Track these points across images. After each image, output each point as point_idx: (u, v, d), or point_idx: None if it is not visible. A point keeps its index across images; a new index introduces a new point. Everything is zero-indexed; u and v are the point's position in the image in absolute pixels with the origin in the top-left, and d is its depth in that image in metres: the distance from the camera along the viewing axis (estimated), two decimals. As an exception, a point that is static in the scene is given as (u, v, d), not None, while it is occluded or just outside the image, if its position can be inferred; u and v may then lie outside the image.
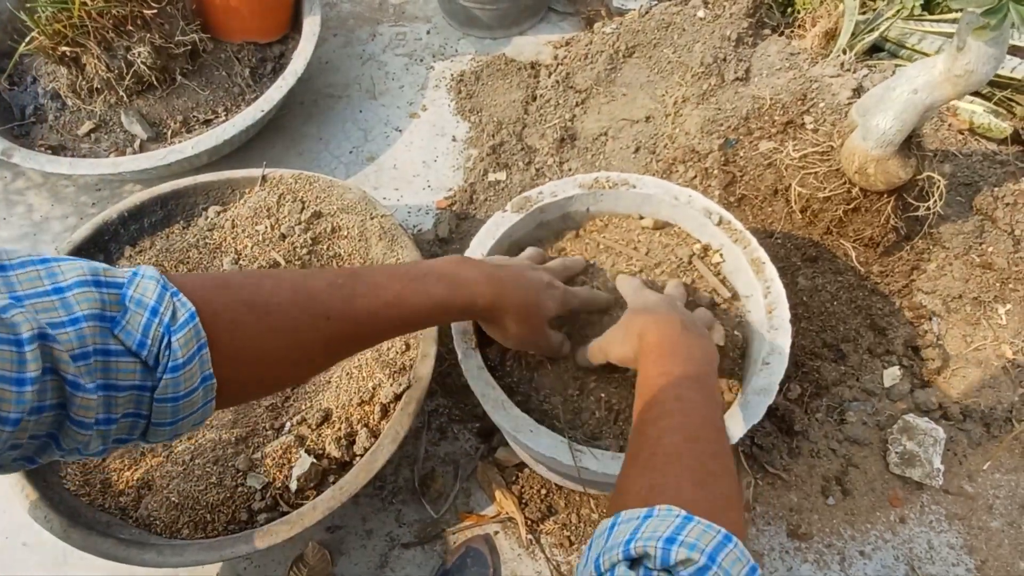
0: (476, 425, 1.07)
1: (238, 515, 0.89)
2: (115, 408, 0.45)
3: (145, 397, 0.47)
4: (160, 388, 0.47)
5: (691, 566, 0.43)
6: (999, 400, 1.06)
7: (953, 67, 0.86)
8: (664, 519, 0.46)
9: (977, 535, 0.99)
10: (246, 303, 0.53)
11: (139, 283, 0.47)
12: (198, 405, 0.49)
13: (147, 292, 0.46)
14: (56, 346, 0.40)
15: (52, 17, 1.16)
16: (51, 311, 0.42)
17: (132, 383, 0.46)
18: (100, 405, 0.44)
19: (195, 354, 0.47)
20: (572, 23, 1.61)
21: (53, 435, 0.43)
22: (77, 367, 0.42)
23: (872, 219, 1.07)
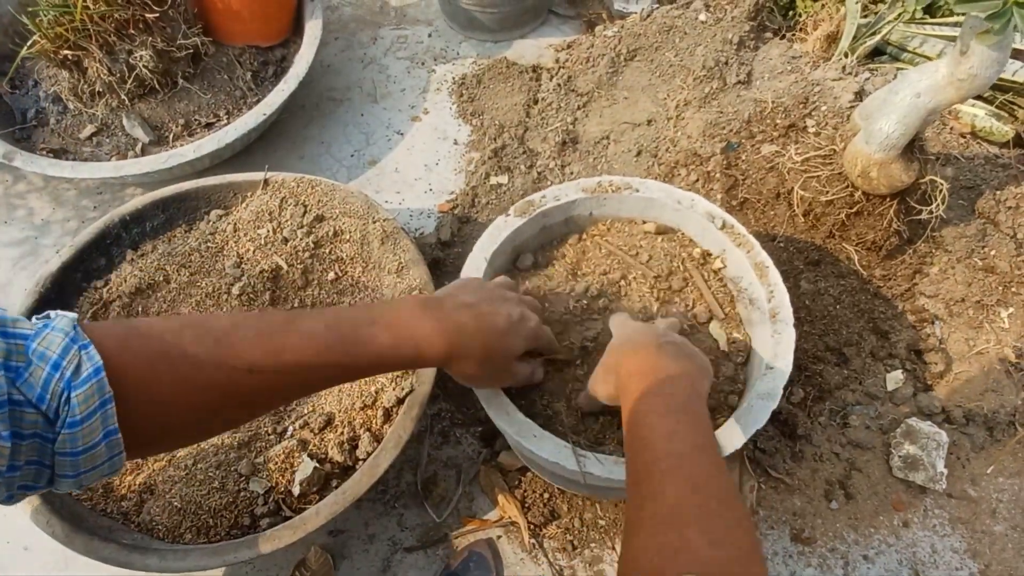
0: (479, 429, 1.07)
1: (241, 520, 0.89)
2: (20, 455, 0.45)
3: (47, 447, 0.46)
4: (59, 443, 0.46)
5: None
6: (1002, 404, 1.05)
7: (956, 71, 0.86)
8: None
9: (981, 539, 0.98)
10: (161, 354, 0.51)
11: (46, 336, 0.46)
12: (102, 459, 0.48)
13: (52, 345, 0.46)
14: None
15: (54, 21, 1.16)
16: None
17: (34, 432, 0.45)
18: (8, 454, 0.43)
19: (96, 410, 0.46)
20: (573, 26, 1.61)
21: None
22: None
23: (875, 223, 1.07)
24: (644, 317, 0.88)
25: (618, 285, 0.92)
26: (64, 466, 0.47)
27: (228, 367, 0.54)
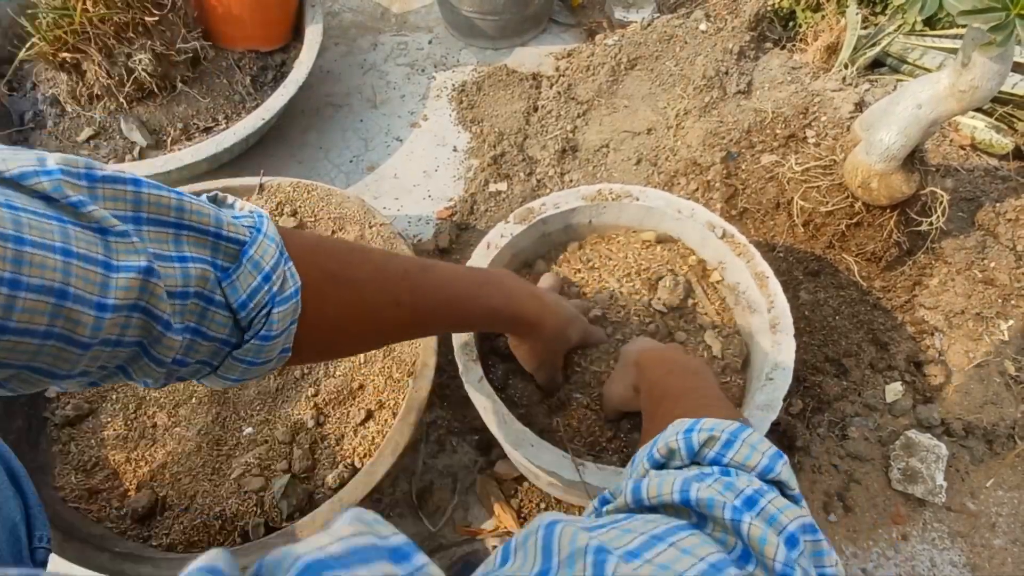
0: (475, 438, 1.06)
1: (235, 528, 0.88)
2: (194, 353, 0.45)
3: (224, 351, 0.47)
4: (242, 350, 0.47)
5: (715, 444, 0.43)
6: (1002, 417, 1.05)
7: (958, 82, 0.86)
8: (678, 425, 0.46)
9: (980, 553, 0.98)
10: (333, 275, 0.53)
11: (260, 243, 0.46)
12: (268, 369, 0.50)
13: (266, 256, 0.46)
14: (156, 282, 0.39)
15: (53, 23, 1.16)
16: (162, 243, 0.41)
17: (219, 336, 0.45)
18: (182, 347, 0.43)
19: (287, 328, 0.47)
20: (574, 35, 1.61)
21: (123, 368, 0.43)
22: (172, 305, 0.41)
23: (875, 234, 1.06)
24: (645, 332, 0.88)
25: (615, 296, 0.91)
26: (233, 370, 0.48)
27: (383, 297, 0.56)
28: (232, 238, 0.45)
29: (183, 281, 0.41)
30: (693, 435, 0.44)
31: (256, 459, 0.91)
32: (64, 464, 0.93)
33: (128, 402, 0.97)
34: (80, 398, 0.97)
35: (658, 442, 0.46)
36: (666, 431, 0.47)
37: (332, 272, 0.53)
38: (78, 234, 0.37)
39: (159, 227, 0.41)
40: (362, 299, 0.55)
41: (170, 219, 0.42)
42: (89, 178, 0.39)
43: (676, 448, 0.44)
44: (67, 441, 0.95)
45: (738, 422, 0.45)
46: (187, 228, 0.43)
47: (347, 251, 0.56)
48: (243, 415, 0.96)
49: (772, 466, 0.42)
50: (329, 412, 0.95)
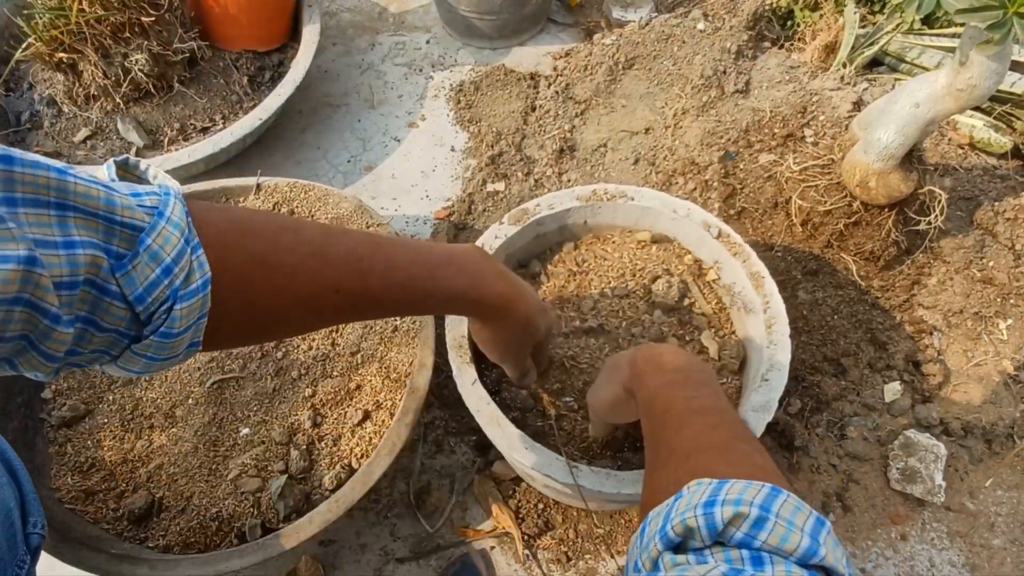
0: (473, 438, 1.06)
1: (232, 529, 0.87)
2: (87, 344, 0.41)
3: (122, 343, 0.42)
4: (142, 345, 0.42)
5: (743, 522, 0.37)
6: (1000, 416, 1.05)
7: (956, 81, 0.86)
8: (695, 491, 0.40)
9: (979, 553, 0.98)
10: (259, 258, 0.48)
11: (161, 231, 0.41)
12: (175, 363, 0.46)
13: (167, 245, 0.41)
14: (41, 272, 0.35)
15: (49, 23, 1.16)
16: (44, 226, 0.36)
17: (115, 328, 0.41)
18: (72, 339, 0.39)
19: (193, 324, 0.43)
20: (572, 34, 1.61)
21: (9, 360, 0.39)
22: (59, 296, 0.36)
23: (873, 233, 1.06)
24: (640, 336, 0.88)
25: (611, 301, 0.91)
26: (135, 362, 0.44)
27: (317, 283, 0.51)
28: (127, 223, 0.40)
29: (71, 270, 0.37)
30: (716, 510, 0.37)
31: (253, 460, 0.91)
32: (60, 465, 0.93)
33: (125, 403, 0.97)
34: (77, 399, 0.97)
35: (672, 517, 0.39)
36: (681, 498, 0.41)
37: (260, 255, 0.47)
38: None
39: (38, 208, 0.36)
40: (295, 285, 0.50)
41: (50, 199, 0.37)
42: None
43: (695, 527, 0.37)
44: (63, 442, 0.95)
45: (766, 484, 0.39)
46: (71, 209, 0.38)
47: (278, 230, 0.50)
48: (240, 416, 0.96)
49: (814, 549, 0.35)
50: (326, 413, 0.95)
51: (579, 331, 0.88)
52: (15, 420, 0.94)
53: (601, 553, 0.97)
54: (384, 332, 1.00)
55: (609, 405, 0.70)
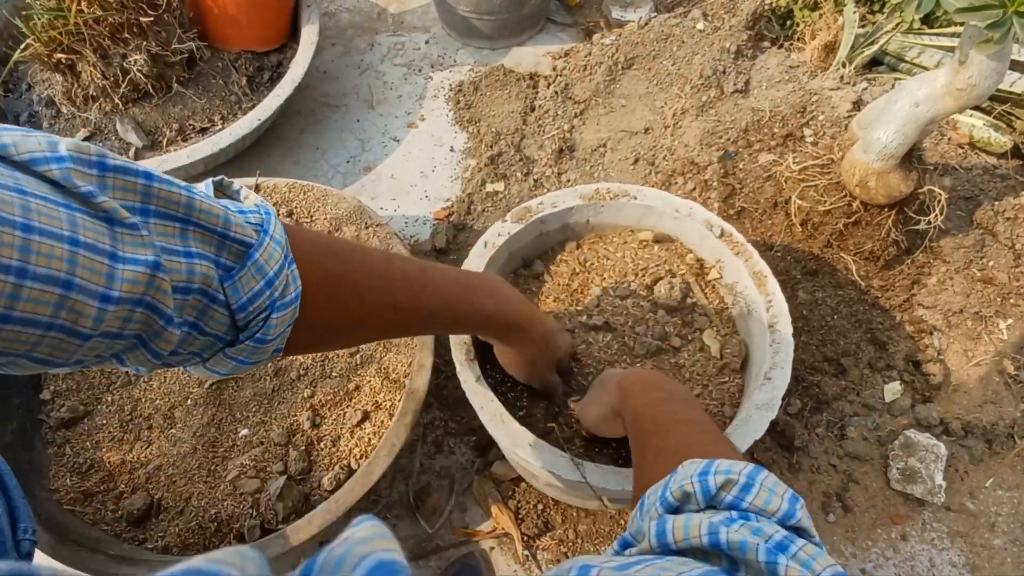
0: (472, 439, 1.06)
1: (231, 530, 0.87)
2: (188, 345, 0.45)
3: (217, 347, 0.46)
4: (236, 349, 0.46)
5: (733, 487, 0.42)
6: (1001, 416, 1.05)
7: (955, 80, 0.86)
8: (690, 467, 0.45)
9: (979, 553, 0.97)
10: (336, 277, 0.52)
11: (267, 246, 0.45)
12: (257, 365, 0.50)
13: (271, 260, 0.45)
14: (163, 277, 0.39)
15: (48, 24, 1.15)
16: (168, 236, 0.41)
17: (215, 333, 0.45)
18: (178, 340, 0.43)
19: (283, 332, 0.47)
20: (571, 34, 1.61)
21: (117, 355, 0.42)
22: (175, 300, 0.40)
23: (873, 232, 1.06)
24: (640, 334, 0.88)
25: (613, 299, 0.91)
26: (224, 364, 0.48)
27: (380, 300, 0.56)
28: (239, 239, 0.44)
29: (187, 277, 0.41)
30: (709, 478, 0.42)
31: (252, 461, 0.91)
32: (59, 466, 0.93)
33: (123, 404, 0.97)
34: (75, 400, 0.97)
35: (671, 484, 0.44)
36: (677, 473, 0.46)
37: (336, 274, 0.52)
38: (86, 223, 0.36)
39: (166, 220, 0.41)
40: (361, 301, 0.55)
41: (179, 214, 0.41)
42: (100, 167, 0.38)
43: (691, 491, 0.42)
44: (62, 443, 0.94)
45: (750, 463, 0.44)
46: (194, 225, 0.42)
47: (350, 251, 0.55)
48: (239, 417, 0.95)
49: (792, 512, 0.41)
50: (325, 413, 0.95)
51: (586, 327, 0.88)
52: (14, 421, 0.93)
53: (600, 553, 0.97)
54: (384, 332, 1.00)
55: (597, 422, 0.75)
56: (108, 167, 0.39)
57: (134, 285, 0.37)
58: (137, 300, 0.38)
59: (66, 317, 0.35)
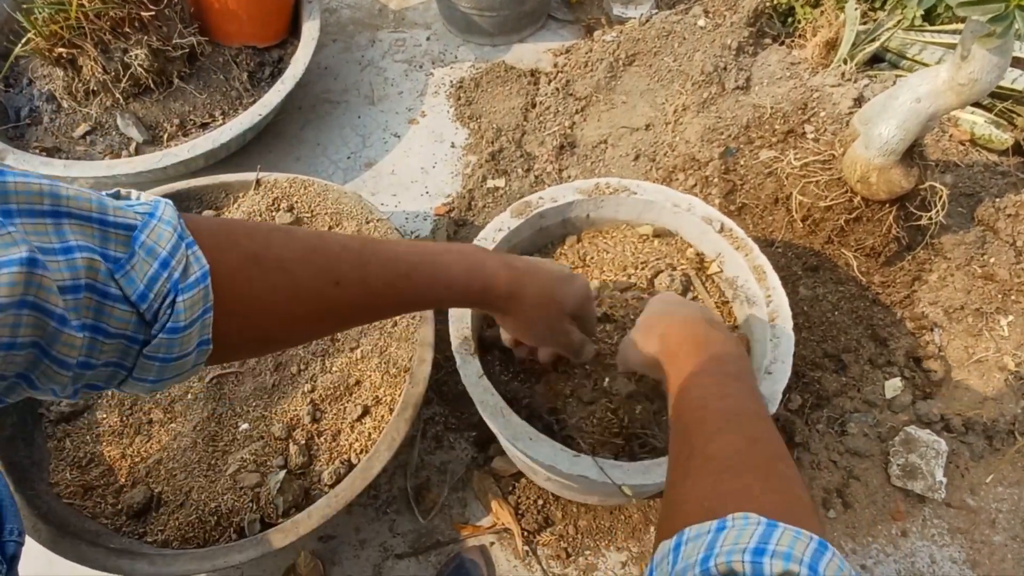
0: (472, 434, 1.06)
1: (231, 524, 0.87)
2: (98, 354, 0.41)
3: (133, 349, 0.43)
4: (152, 347, 0.43)
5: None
6: (1001, 412, 1.04)
7: (957, 76, 0.86)
8: (743, 529, 0.40)
9: (980, 549, 0.97)
10: (255, 257, 0.48)
11: (155, 228, 0.42)
12: (187, 367, 0.46)
13: (161, 240, 0.42)
14: (45, 274, 0.35)
15: (49, 19, 1.15)
16: (42, 235, 0.37)
17: (122, 332, 0.41)
18: (84, 347, 0.40)
19: (198, 318, 0.44)
20: (572, 31, 1.60)
21: (25, 375, 0.39)
22: (65, 300, 0.37)
23: (874, 228, 1.06)
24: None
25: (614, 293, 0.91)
26: (148, 370, 0.44)
27: (317, 276, 0.52)
28: (120, 223, 0.41)
29: (71, 274, 0.38)
30: (765, 561, 0.37)
31: (252, 455, 0.91)
32: (59, 460, 0.93)
33: (123, 398, 0.97)
34: (75, 394, 0.97)
35: (716, 552, 0.39)
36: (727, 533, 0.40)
37: (254, 253, 0.48)
38: None
39: (34, 218, 0.37)
40: (294, 281, 0.50)
41: (45, 207, 0.38)
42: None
43: (741, 573, 0.37)
44: (62, 437, 0.94)
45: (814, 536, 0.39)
46: (66, 215, 0.39)
47: (268, 230, 0.51)
48: (239, 411, 0.95)
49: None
50: (325, 408, 0.95)
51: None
52: (14, 415, 0.93)
53: (600, 549, 0.97)
54: (384, 327, 1.00)
55: (639, 365, 0.70)
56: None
57: (12, 287, 0.34)
58: (20, 302, 0.35)
59: None
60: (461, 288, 0.62)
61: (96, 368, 0.42)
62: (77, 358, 0.39)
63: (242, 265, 0.47)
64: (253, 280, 0.48)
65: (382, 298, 0.58)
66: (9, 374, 0.38)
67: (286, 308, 0.51)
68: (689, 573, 0.39)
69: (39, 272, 0.35)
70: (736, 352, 0.63)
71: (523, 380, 0.86)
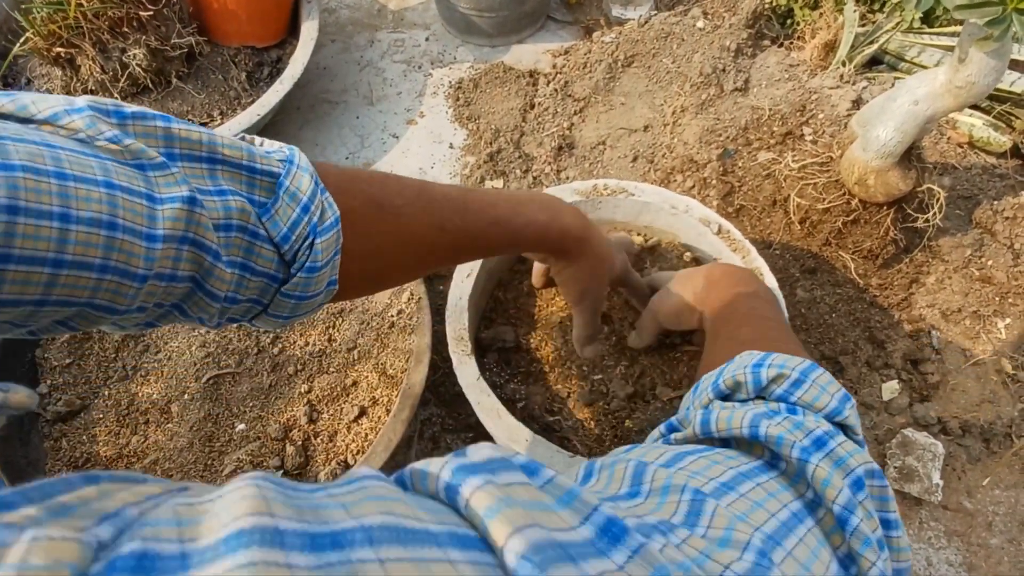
0: (470, 435, 1.06)
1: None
2: (243, 290, 0.45)
3: (271, 287, 0.47)
4: (290, 284, 0.46)
5: (784, 381, 0.43)
6: (999, 415, 1.04)
7: (955, 78, 0.86)
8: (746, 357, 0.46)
9: (976, 552, 0.97)
10: (374, 202, 0.52)
11: (295, 175, 0.45)
12: (316, 304, 0.50)
13: (302, 186, 0.45)
14: (201, 212, 0.39)
15: (47, 18, 1.15)
16: (198, 178, 0.41)
17: (266, 271, 0.45)
18: (233, 282, 0.43)
19: (332, 258, 0.47)
20: (571, 32, 1.60)
21: (179, 305, 0.43)
22: (219, 237, 0.41)
23: (871, 231, 1.06)
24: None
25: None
26: (283, 307, 0.48)
27: (425, 221, 0.55)
28: (266, 171, 0.45)
29: (225, 214, 0.41)
30: (762, 370, 0.43)
31: (248, 456, 0.91)
32: (55, 460, 0.93)
33: (120, 398, 0.97)
34: (72, 394, 0.97)
35: (724, 373, 0.45)
36: (733, 362, 0.47)
37: (374, 198, 0.52)
38: (117, 168, 0.37)
39: (193, 162, 0.41)
40: (407, 225, 0.54)
41: (203, 154, 0.42)
42: (119, 115, 0.39)
43: (743, 381, 0.43)
44: (58, 437, 0.94)
45: (807, 360, 0.44)
46: (220, 163, 0.43)
47: (384, 178, 0.55)
48: (236, 411, 0.95)
49: (840, 409, 0.42)
50: (322, 409, 0.95)
51: None
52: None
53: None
54: (381, 328, 1.00)
55: (674, 311, 0.75)
56: (126, 114, 0.40)
57: (175, 223, 0.38)
58: (181, 237, 0.38)
59: (117, 258, 0.36)
60: (544, 232, 0.66)
61: (239, 303, 0.46)
62: (226, 292, 0.43)
63: (365, 210, 0.51)
64: (372, 223, 0.52)
65: (479, 242, 0.62)
66: (167, 303, 0.42)
67: (399, 250, 0.55)
68: (703, 395, 0.46)
69: (198, 210, 0.39)
70: (766, 294, 0.70)
71: (520, 381, 0.86)
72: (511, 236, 0.63)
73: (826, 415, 0.41)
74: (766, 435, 0.38)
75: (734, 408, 0.41)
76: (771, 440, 0.38)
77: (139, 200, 0.37)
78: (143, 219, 0.37)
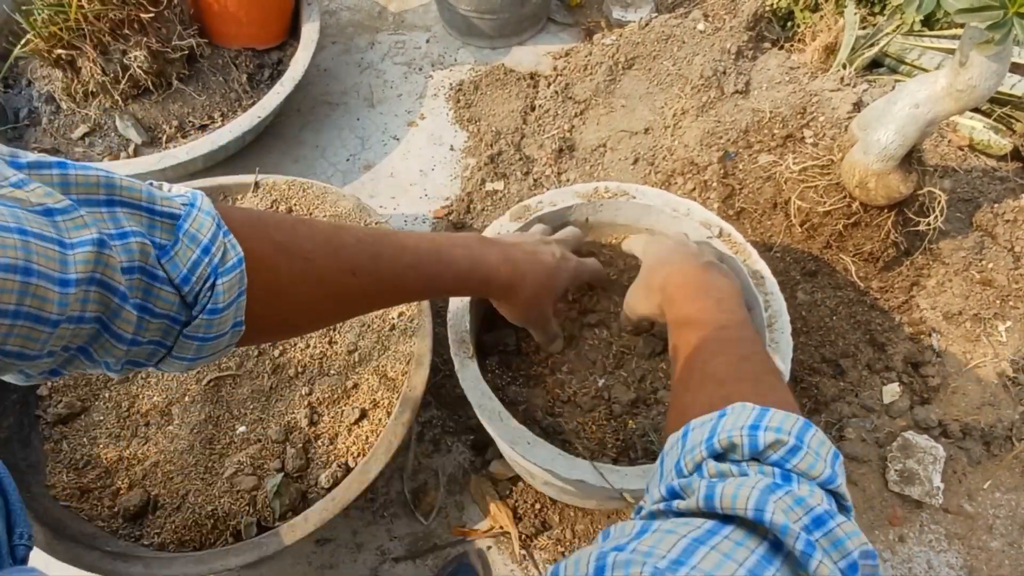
0: (470, 437, 1.06)
1: (228, 527, 0.87)
2: (144, 332, 0.45)
3: (174, 330, 0.47)
4: (192, 326, 0.46)
5: (781, 448, 0.43)
6: (999, 418, 1.04)
7: (955, 82, 0.86)
8: (740, 413, 0.46)
9: (977, 555, 0.97)
10: (282, 246, 0.52)
11: (196, 217, 0.46)
12: (222, 347, 0.49)
13: (202, 228, 0.46)
14: (110, 253, 0.39)
15: (48, 20, 1.15)
16: (100, 222, 0.41)
17: (166, 312, 0.45)
18: (135, 325, 0.43)
19: (235, 300, 0.47)
20: (572, 34, 1.60)
21: (84, 349, 0.43)
22: (126, 279, 0.41)
23: (872, 234, 1.06)
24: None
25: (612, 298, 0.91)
26: (187, 349, 0.48)
27: (336, 266, 0.56)
28: (167, 212, 0.45)
29: (127, 257, 0.41)
30: (759, 433, 0.43)
31: (249, 458, 0.90)
32: (56, 462, 0.92)
33: (121, 401, 0.96)
34: (73, 396, 0.97)
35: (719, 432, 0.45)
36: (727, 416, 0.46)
37: (281, 243, 0.52)
38: (27, 215, 0.37)
39: (93, 207, 0.41)
40: (315, 269, 0.54)
41: (101, 197, 0.42)
42: (15, 166, 0.39)
43: (739, 444, 0.44)
44: (59, 439, 0.94)
45: (800, 419, 0.45)
46: (119, 204, 0.43)
47: (293, 223, 0.55)
48: (236, 414, 0.95)
49: (834, 477, 0.43)
50: (323, 411, 0.95)
51: (582, 324, 0.88)
52: (11, 417, 0.93)
53: (599, 553, 0.97)
54: (381, 331, 1.00)
55: (642, 317, 0.78)
56: (23, 165, 0.40)
57: (86, 265, 0.38)
58: (90, 279, 0.39)
59: (31, 303, 0.36)
60: (464, 279, 0.67)
61: (141, 345, 0.46)
62: (132, 332, 0.43)
63: (271, 253, 0.51)
64: (280, 267, 0.52)
65: (393, 287, 0.63)
66: (73, 346, 0.42)
67: (308, 294, 0.55)
68: (696, 451, 0.45)
69: (107, 252, 0.39)
70: (729, 289, 0.70)
71: (521, 384, 0.86)
72: (427, 281, 0.64)
73: (820, 483, 0.42)
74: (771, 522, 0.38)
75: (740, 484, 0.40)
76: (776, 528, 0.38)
77: (51, 246, 0.37)
78: (56, 264, 0.37)
